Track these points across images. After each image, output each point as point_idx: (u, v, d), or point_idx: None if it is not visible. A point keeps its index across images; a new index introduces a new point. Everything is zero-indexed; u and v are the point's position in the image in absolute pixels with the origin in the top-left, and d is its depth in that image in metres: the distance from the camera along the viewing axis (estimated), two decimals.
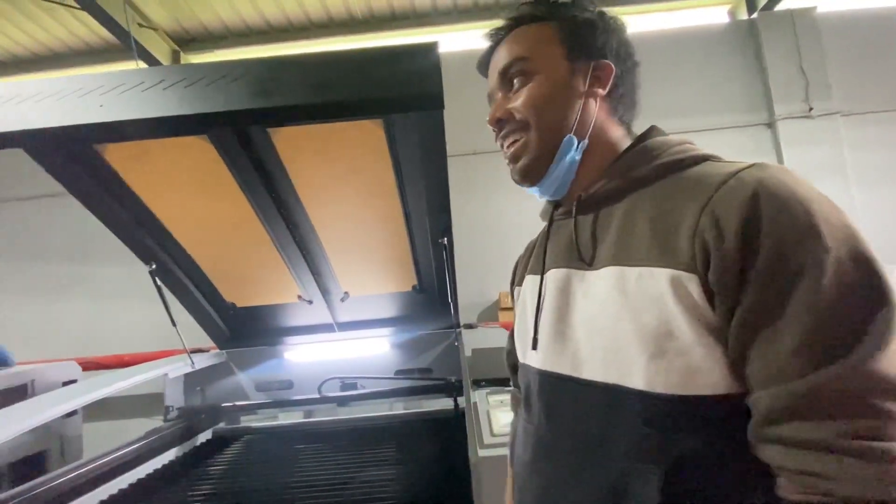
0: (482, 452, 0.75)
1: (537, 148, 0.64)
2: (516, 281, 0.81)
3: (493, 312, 3.47)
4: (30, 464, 2.05)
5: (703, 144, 0.60)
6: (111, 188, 1.39)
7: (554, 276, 0.65)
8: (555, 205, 0.71)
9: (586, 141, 0.63)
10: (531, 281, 0.71)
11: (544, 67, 0.63)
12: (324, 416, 2.16)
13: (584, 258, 0.60)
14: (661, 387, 0.49)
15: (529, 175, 0.66)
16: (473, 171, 3.62)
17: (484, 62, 0.70)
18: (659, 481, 0.47)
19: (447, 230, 1.56)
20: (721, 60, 3.88)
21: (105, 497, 1.41)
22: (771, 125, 3.78)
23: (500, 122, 0.66)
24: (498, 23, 0.68)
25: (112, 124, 0.97)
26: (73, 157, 1.26)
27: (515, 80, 0.65)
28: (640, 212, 0.56)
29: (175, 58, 4.08)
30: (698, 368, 0.47)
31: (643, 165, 0.58)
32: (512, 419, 0.81)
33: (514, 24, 0.66)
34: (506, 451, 0.78)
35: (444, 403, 2.00)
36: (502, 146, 0.68)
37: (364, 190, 1.50)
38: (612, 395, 0.53)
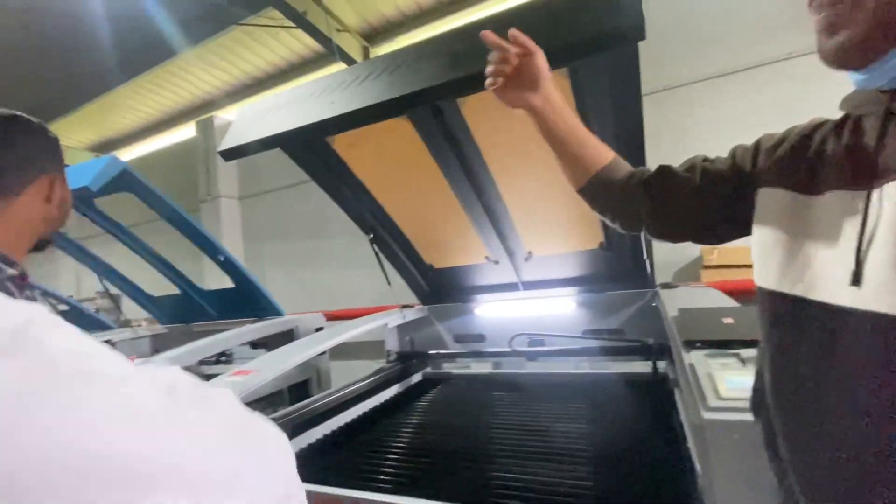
0: (708, 416, 0.69)
1: (872, 20, 0.46)
2: (832, 182, 0.56)
3: (692, 271, 3.08)
4: (298, 389, 2.76)
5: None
6: (338, 172, 1.69)
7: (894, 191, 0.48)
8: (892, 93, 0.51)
9: None
10: (843, 197, 0.53)
11: None
12: (512, 368, 2.30)
13: None
14: None
15: (848, 57, 0.50)
16: (662, 111, 3.20)
17: None
18: None
19: None
20: None
21: (348, 420, 1.80)
22: None
23: None
24: None
25: (341, 117, 1.16)
26: (312, 149, 1.58)
27: None
28: None
29: (365, 53, 4.64)
30: None
31: None
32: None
33: None
34: (734, 415, 0.71)
35: (637, 366, 1.91)
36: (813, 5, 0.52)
37: (547, 147, 1.48)
38: None
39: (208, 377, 2.96)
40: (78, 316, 3.87)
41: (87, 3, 4.06)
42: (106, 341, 3.41)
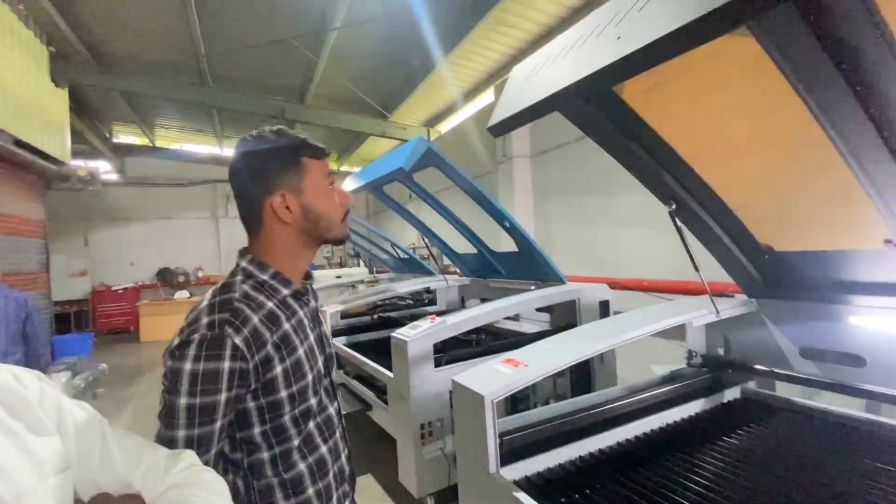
0: None
1: None
2: None
3: None
4: (579, 367, 2.58)
5: None
6: (629, 127, 1.30)
7: None
8: None
9: None
10: None
11: None
12: None
13: None
14: None
15: None
16: None
17: None
18: None
19: None
20: None
21: (640, 433, 1.47)
22: None
23: None
24: None
25: (635, 55, 0.79)
26: (598, 104, 1.23)
27: None
28: None
29: None
30: None
31: None
32: None
33: None
34: None
35: None
36: None
37: None
38: None
39: (497, 332, 3.22)
40: (412, 263, 4.91)
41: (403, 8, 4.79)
42: (426, 288, 4.20)
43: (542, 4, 4.87)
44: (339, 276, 6.14)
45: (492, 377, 1.31)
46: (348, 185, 3.27)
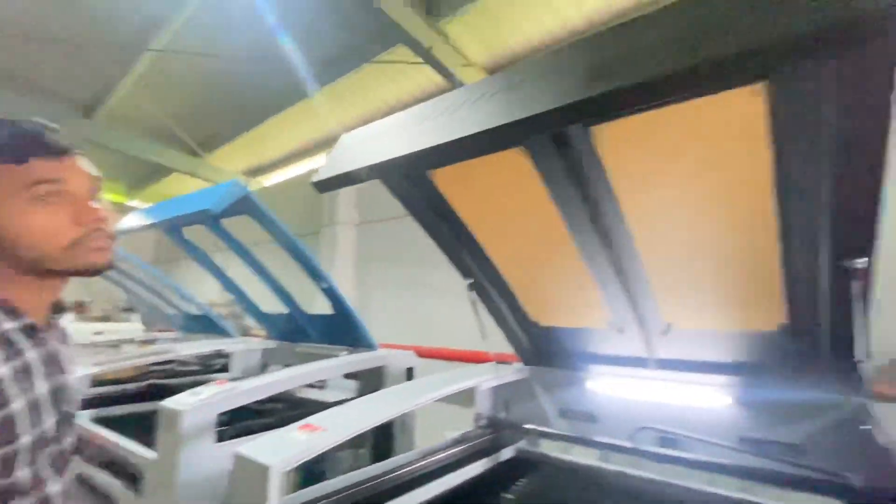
0: None
1: None
2: None
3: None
4: (385, 428, 2.57)
5: None
6: (438, 209, 1.49)
7: None
8: None
9: None
10: None
11: None
12: (629, 467, 1.80)
13: None
14: None
15: None
16: None
17: None
18: None
19: (868, 247, 0.96)
20: None
21: (431, 496, 1.52)
22: None
23: None
24: None
25: (442, 147, 0.94)
26: (413, 182, 1.39)
27: None
28: None
29: None
30: None
31: None
32: None
33: None
34: None
35: None
36: None
37: (713, 191, 1.09)
38: None
39: (298, 401, 2.99)
40: (205, 321, 4.27)
41: (253, 47, 4.66)
42: (218, 351, 3.67)
43: (382, 92, 5.36)
44: (98, 333, 4.90)
45: (282, 445, 1.20)
46: (135, 220, 2.77)
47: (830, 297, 1.12)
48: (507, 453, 1.95)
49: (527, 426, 1.91)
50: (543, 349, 1.97)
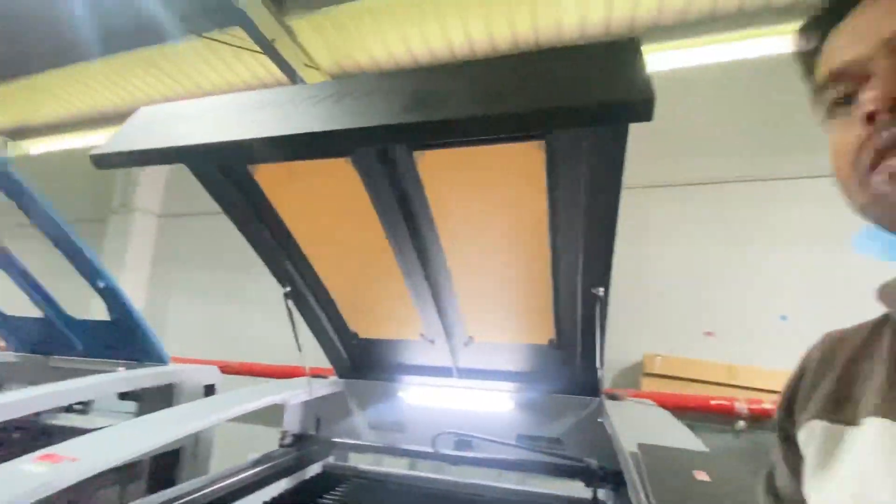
0: None
1: None
2: (811, 411, 0.49)
3: (632, 377, 2.96)
4: (166, 460, 2.22)
5: None
6: (259, 209, 1.39)
7: None
8: None
9: None
10: (879, 427, 0.40)
11: None
12: (431, 471, 1.94)
13: None
14: None
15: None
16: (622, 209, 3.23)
17: (826, 19, 0.44)
18: None
19: (604, 279, 1.26)
20: None
21: None
22: None
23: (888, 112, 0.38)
24: None
25: (266, 141, 0.89)
26: (228, 175, 1.27)
27: None
28: None
29: None
30: None
31: None
32: None
33: None
34: None
35: (576, 488, 1.64)
36: (878, 155, 0.39)
37: (509, 224, 1.28)
38: None
39: (46, 429, 2.34)
40: None
41: None
42: None
43: (209, 72, 4.75)
44: None
45: (9, 481, 0.93)
46: None
47: (581, 318, 1.42)
48: (313, 469, 1.88)
49: (336, 440, 1.89)
50: (361, 361, 1.99)
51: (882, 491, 0.36)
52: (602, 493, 1.53)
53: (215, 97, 1.10)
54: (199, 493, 1.38)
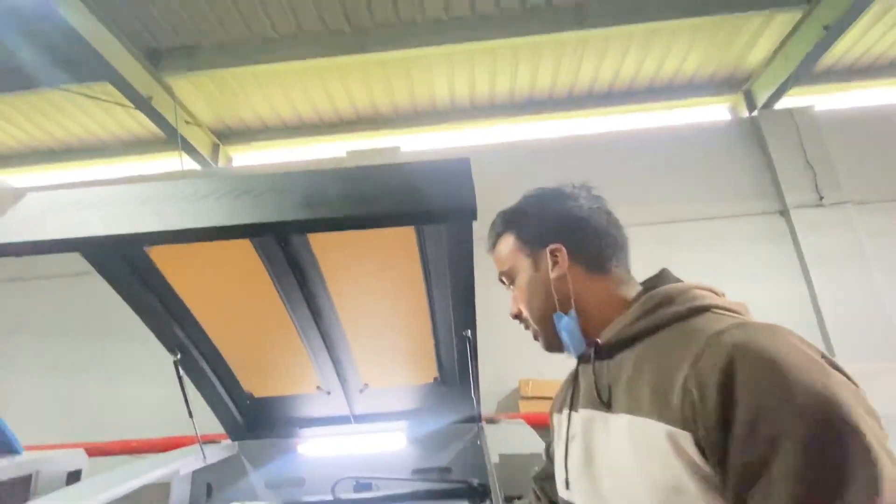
0: None
1: (542, 332, 0.77)
2: (555, 409, 0.87)
3: (512, 402, 3.34)
4: None
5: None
6: (153, 285, 1.45)
7: (580, 416, 0.70)
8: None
9: (573, 310, 0.71)
10: (560, 419, 0.78)
11: (517, 271, 0.78)
12: None
13: (603, 401, 0.64)
14: None
15: (552, 350, 0.78)
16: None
17: None
18: None
19: (471, 323, 1.57)
20: (728, 152, 4.06)
21: None
22: (784, 213, 3.85)
23: (517, 317, 0.82)
24: None
25: (167, 232, 1.03)
26: (124, 258, 1.34)
27: (508, 284, 0.82)
28: (646, 361, 0.60)
29: (215, 150, 4.43)
30: None
31: (648, 316, 0.63)
32: None
33: (492, 245, 0.84)
34: None
35: None
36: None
37: (392, 286, 1.54)
38: None
39: None
40: None
41: None
42: None
43: (68, 122, 4.33)
44: None
45: None
46: None
47: (458, 356, 1.71)
48: None
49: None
50: (256, 421, 2.02)
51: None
52: None
53: (112, 187, 1.20)
54: None
